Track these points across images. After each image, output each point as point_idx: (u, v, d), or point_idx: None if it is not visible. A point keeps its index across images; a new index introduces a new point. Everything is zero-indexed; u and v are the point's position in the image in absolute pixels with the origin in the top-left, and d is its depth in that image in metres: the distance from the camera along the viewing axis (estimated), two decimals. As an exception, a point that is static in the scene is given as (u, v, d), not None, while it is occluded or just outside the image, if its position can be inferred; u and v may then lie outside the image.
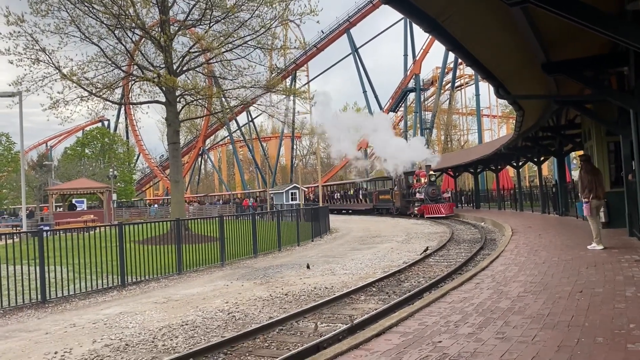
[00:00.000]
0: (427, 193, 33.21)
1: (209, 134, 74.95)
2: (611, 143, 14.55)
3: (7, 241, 12.05)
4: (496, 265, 9.50)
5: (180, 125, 24.24)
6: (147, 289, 11.94)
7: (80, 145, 62.57)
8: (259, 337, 7.02)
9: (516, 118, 18.57)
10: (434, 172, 35.27)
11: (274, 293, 10.26)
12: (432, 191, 33.34)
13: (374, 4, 55.55)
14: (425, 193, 33.29)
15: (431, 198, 32.98)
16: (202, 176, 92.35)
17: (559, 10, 5.24)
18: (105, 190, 38.58)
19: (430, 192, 33.21)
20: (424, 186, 33.81)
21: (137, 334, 7.67)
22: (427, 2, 6.27)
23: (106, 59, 21.73)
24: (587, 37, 8.59)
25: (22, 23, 19.46)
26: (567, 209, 21.64)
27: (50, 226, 26.30)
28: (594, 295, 6.43)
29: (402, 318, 5.92)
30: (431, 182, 33.99)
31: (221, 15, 21.59)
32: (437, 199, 33.12)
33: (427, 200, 32.95)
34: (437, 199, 33.16)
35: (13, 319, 9.53)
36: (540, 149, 24.76)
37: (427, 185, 33.53)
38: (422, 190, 33.72)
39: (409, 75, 59.13)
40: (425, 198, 33.11)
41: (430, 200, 32.95)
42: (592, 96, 11.63)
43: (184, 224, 15.97)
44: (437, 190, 34.07)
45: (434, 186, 34.12)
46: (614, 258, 9.21)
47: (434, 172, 35.13)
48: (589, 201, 10.42)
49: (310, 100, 31.51)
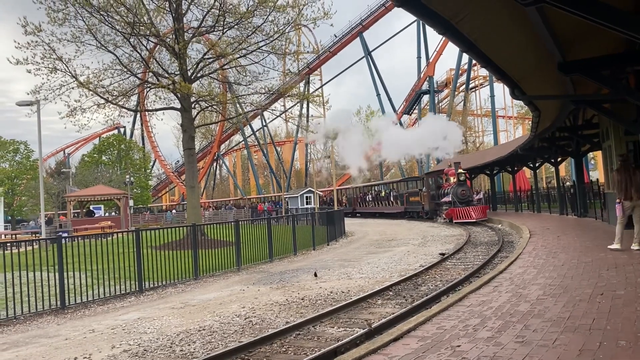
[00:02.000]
0: (456, 194, 28.86)
1: (224, 139, 75.39)
2: (630, 142, 14.33)
3: (27, 248, 12.20)
4: (514, 268, 9.40)
5: (195, 131, 24.40)
6: (164, 295, 12.01)
7: (97, 152, 63.30)
8: (276, 342, 7.01)
9: (532, 119, 18.37)
10: (464, 171, 30.11)
11: (290, 298, 10.25)
12: (461, 192, 28.86)
13: (386, 7, 55.51)
14: (454, 194, 28.97)
15: (461, 200, 28.68)
16: (217, 181, 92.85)
17: (575, 10, 5.19)
18: (122, 196, 38.96)
19: (460, 193, 28.80)
20: (453, 186, 29.66)
21: (155, 339, 7.71)
22: (441, 4, 6.24)
23: (122, 66, 21.98)
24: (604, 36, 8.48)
25: (39, 32, 19.79)
26: (585, 210, 21.36)
27: (68, 233, 26.62)
28: (615, 298, 6.32)
29: (420, 322, 5.88)
30: (460, 181, 29.30)
31: (234, 21, 21.73)
32: (467, 200, 28.80)
33: (456, 203, 28.70)
34: (468, 201, 28.84)
35: (33, 325, 9.65)
36: (557, 150, 24.48)
37: (456, 186, 29.13)
38: (450, 191, 29.66)
39: (422, 78, 58.91)
40: (454, 200, 28.86)
41: (459, 202, 28.65)
42: (610, 95, 11.45)
43: (200, 229, 16.04)
44: (467, 191, 29.32)
45: (464, 186, 29.32)
46: (635, 260, 9.06)
47: (463, 171, 30.01)
48: (621, 202, 10.30)
49: (325, 104, 31.54)
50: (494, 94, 57.20)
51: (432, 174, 33.94)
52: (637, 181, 10.24)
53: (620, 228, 10.41)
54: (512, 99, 16.97)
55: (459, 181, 29.20)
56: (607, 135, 15.79)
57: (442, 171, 32.81)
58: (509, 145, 33.68)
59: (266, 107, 27.29)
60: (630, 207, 10.31)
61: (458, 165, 29.80)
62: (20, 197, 60.24)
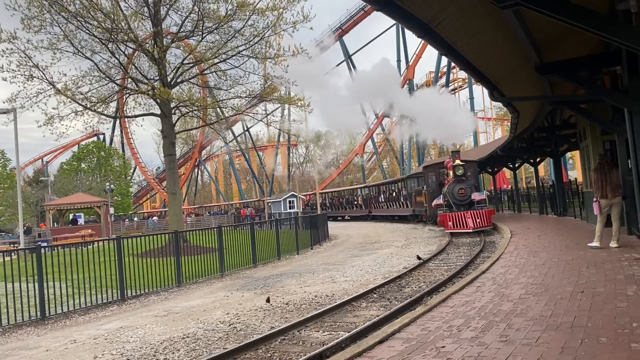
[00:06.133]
0: (453, 194, 21.61)
1: (205, 145, 74.99)
2: (606, 142, 14.59)
3: (4, 259, 11.98)
4: (496, 268, 9.49)
5: (176, 137, 24.23)
6: (147, 303, 11.88)
7: (76, 160, 62.52)
8: (261, 348, 6.97)
9: (511, 120, 18.61)
10: (462, 163, 22.35)
11: (274, 303, 10.21)
12: (459, 191, 21.52)
13: (365, 11, 55.83)
14: (450, 194, 21.74)
15: (459, 201, 21.43)
16: (199, 187, 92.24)
17: (550, 12, 5.28)
18: (102, 204, 38.48)
19: (458, 193, 21.52)
20: (449, 184, 22.41)
21: (138, 348, 7.61)
22: (419, 8, 6.30)
23: (100, 73, 21.77)
24: (580, 38, 8.64)
25: (14, 40, 19.48)
26: (565, 209, 21.66)
27: (48, 242, 26.19)
28: (595, 295, 6.42)
29: (404, 324, 5.89)
30: (458, 177, 21.81)
31: (214, 26, 21.65)
32: (466, 202, 21.43)
33: (452, 206, 21.44)
34: (467, 202, 21.45)
35: (13, 337, 9.46)
36: (536, 150, 24.85)
37: (453, 183, 21.85)
38: (446, 190, 22.48)
39: (402, 81, 59.26)
40: (449, 202, 21.71)
41: (457, 204, 21.33)
42: (586, 96, 11.68)
43: (182, 236, 15.92)
44: (467, 189, 21.65)
45: (464, 184, 21.74)
46: (613, 257, 9.21)
47: (461, 163, 22.23)
48: (597, 200, 10.47)
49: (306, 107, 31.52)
50: (473, 95, 57.90)
51: (431, 167, 26.98)
52: (613, 180, 10.43)
53: (600, 226, 10.59)
54: (491, 100, 17.09)
55: (455, 177, 21.86)
56: (584, 135, 16.06)
57: (442, 164, 25.34)
58: (488, 147, 34.05)
59: (248, 112, 27.19)
60: (607, 205, 10.48)
61: (456, 155, 22.60)
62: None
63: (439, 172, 25.76)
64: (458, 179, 21.85)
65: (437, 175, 25.89)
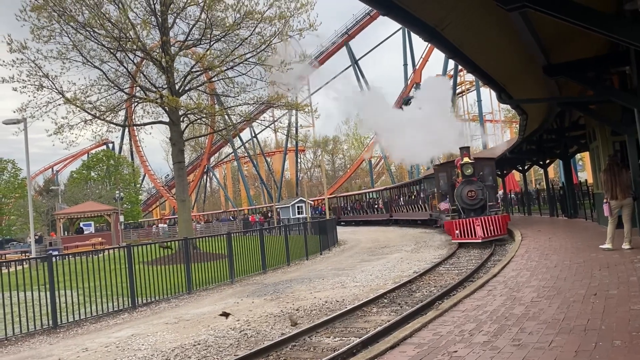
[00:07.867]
0: (461, 197, 18.78)
1: (214, 152, 75.22)
2: (617, 143, 14.48)
3: (16, 268, 12.06)
4: (508, 271, 9.42)
5: (184, 144, 24.35)
6: (157, 310, 11.91)
7: (86, 169, 62.87)
8: (272, 355, 6.96)
9: (520, 122, 18.52)
10: (471, 162, 19.21)
11: (285, 309, 10.20)
12: (468, 194, 18.64)
13: (371, 16, 55.86)
14: (459, 197, 18.90)
15: (468, 205, 18.69)
16: (208, 194, 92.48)
17: (557, 13, 5.26)
18: (112, 212, 38.70)
19: (467, 196, 18.66)
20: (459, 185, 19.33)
21: (149, 355, 7.63)
22: (425, 12, 6.30)
23: (109, 81, 21.93)
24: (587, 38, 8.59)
25: (24, 50, 19.70)
26: (575, 211, 21.51)
27: (59, 251, 26.36)
28: (608, 298, 6.36)
29: (416, 329, 5.86)
30: (467, 177, 18.82)
31: (221, 34, 21.77)
32: (477, 207, 18.64)
33: (461, 211, 18.76)
34: (478, 207, 18.64)
35: (25, 345, 9.51)
36: (546, 152, 24.71)
37: (462, 184, 18.91)
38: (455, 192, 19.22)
39: (409, 85, 59.23)
40: (457, 207, 18.97)
41: (465, 209, 18.67)
42: (595, 97, 11.60)
43: (192, 243, 15.96)
44: (477, 191, 18.67)
45: (474, 185, 18.77)
46: (626, 259, 9.12)
47: (471, 162, 19.14)
48: (608, 201, 10.39)
49: (313, 112, 31.64)
50: (481, 98, 57.68)
51: (442, 166, 23.71)
52: (623, 181, 10.34)
53: (611, 228, 10.49)
54: (499, 103, 17.00)
55: (464, 177, 18.93)
56: (594, 136, 15.96)
57: (454, 162, 21.57)
58: (497, 149, 33.89)
59: (255, 118, 27.31)
60: (618, 206, 10.39)
61: (464, 152, 19.36)
62: (9, 216, 59.52)
63: (450, 172, 21.88)
64: (467, 179, 18.87)
65: (449, 176, 22.00)
